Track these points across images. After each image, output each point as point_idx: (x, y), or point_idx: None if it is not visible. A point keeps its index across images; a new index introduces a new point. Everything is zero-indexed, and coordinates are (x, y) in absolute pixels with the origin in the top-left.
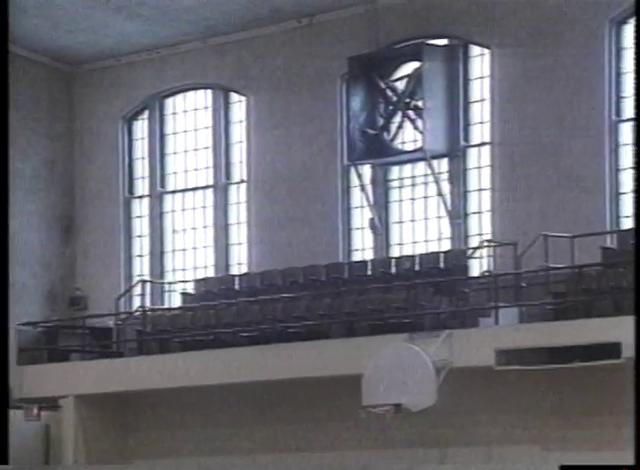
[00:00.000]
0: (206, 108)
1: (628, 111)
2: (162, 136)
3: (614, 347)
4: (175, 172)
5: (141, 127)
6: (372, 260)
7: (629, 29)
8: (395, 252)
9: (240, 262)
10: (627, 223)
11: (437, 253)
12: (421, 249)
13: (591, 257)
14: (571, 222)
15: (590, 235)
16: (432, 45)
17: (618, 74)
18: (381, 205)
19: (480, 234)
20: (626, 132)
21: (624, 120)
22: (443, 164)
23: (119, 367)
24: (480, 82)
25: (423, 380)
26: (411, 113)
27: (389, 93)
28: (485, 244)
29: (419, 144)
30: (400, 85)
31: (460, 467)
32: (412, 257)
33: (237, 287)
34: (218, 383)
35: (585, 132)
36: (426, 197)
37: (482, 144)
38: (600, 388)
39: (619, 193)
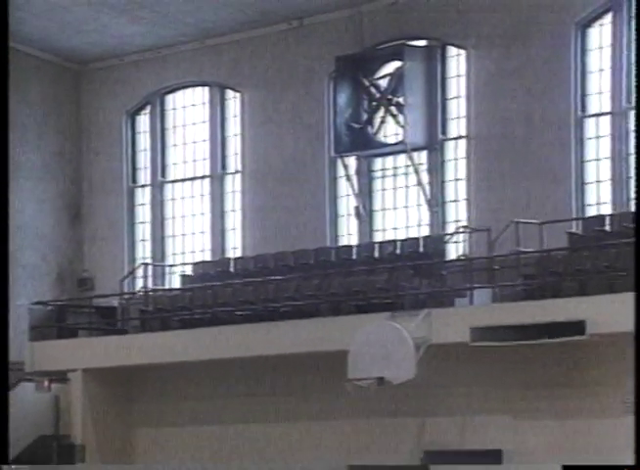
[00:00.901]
0: (204, 103)
1: (593, 107)
2: (163, 130)
3: (579, 325)
4: (175, 163)
5: (143, 122)
6: (357, 245)
7: (593, 32)
8: (378, 237)
9: (235, 247)
10: (592, 211)
11: (417, 238)
12: (402, 234)
13: (558, 241)
14: (539, 210)
15: (557, 222)
16: (412, 46)
17: (584, 73)
18: (365, 193)
19: (457, 221)
20: (591, 127)
21: (589, 116)
22: (423, 156)
23: (123, 343)
24: (456, 80)
25: (403, 355)
26: (393, 108)
27: (373, 90)
28: (461, 230)
29: (400, 137)
30: (383, 83)
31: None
32: (394, 241)
33: (232, 269)
34: (215, 358)
35: (553, 127)
36: (406, 186)
37: (459, 137)
38: (566, 362)
39: (584, 183)
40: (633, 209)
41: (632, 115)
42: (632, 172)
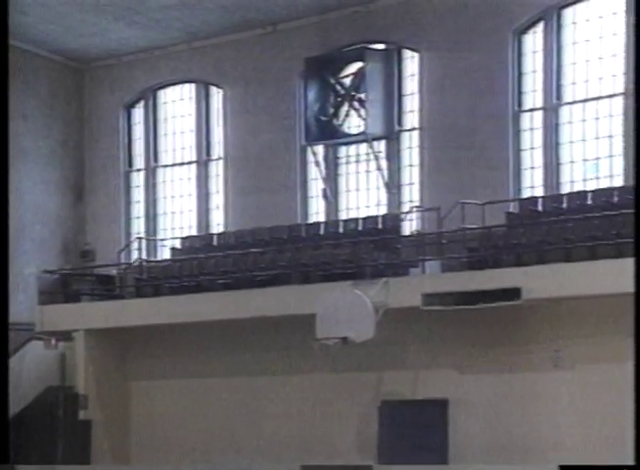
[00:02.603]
0: (191, 98)
1: (527, 103)
2: (155, 121)
3: (515, 291)
4: (166, 150)
5: (138, 114)
6: (324, 222)
7: (528, 38)
8: (343, 215)
9: (218, 223)
10: (526, 193)
11: (376, 216)
12: (363, 213)
13: (498, 219)
14: (482, 192)
15: (497, 202)
16: (372, 49)
17: (520, 74)
18: (331, 177)
19: (411, 201)
20: (526, 120)
21: (524, 111)
22: (382, 145)
23: (120, 307)
24: (410, 79)
25: (364, 318)
26: (356, 103)
27: (338, 87)
28: (415, 209)
29: (362, 128)
30: (347, 81)
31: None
32: (356, 219)
33: (215, 243)
34: (200, 320)
35: (493, 120)
36: (367, 171)
37: (413, 129)
38: (504, 324)
39: (520, 169)
40: (563, 191)
41: (561, 110)
42: (569, 159)
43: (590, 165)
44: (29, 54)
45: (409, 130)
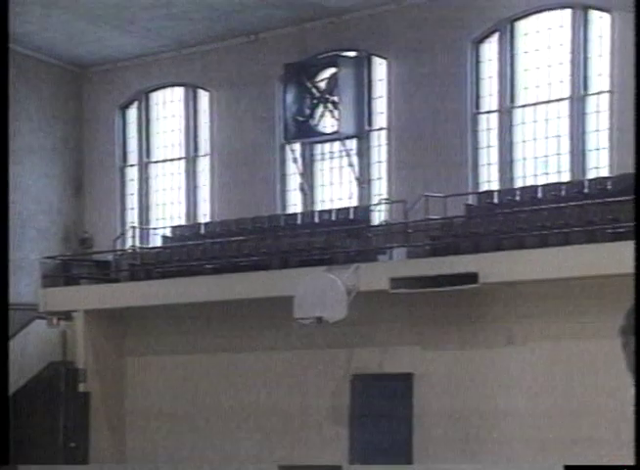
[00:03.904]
0: (180, 100)
1: (484, 105)
2: (148, 121)
3: (473, 276)
4: (158, 147)
5: (132, 114)
6: (301, 213)
7: (484, 47)
8: (318, 207)
9: (205, 214)
10: (484, 187)
11: (348, 208)
12: (336, 205)
13: (458, 211)
14: (443, 186)
15: (457, 195)
16: (345, 56)
17: (477, 79)
18: (307, 173)
19: (380, 194)
20: (483, 121)
21: (481, 113)
22: (353, 143)
23: (116, 290)
24: (379, 83)
25: (337, 300)
26: (330, 105)
27: (314, 91)
28: (383, 201)
29: (335, 128)
30: (322, 85)
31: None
32: (330, 210)
33: (202, 232)
34: (189, 302)
35: (454, 121)
36: (340, 167)
37: (381, 129)
38: (463, 305)
39: (478, 165)
40: (516, 185)
41: (514, 112)
42: (522, 157)
43: (540, 162)
44: (34, 60)
45: (378, 130)
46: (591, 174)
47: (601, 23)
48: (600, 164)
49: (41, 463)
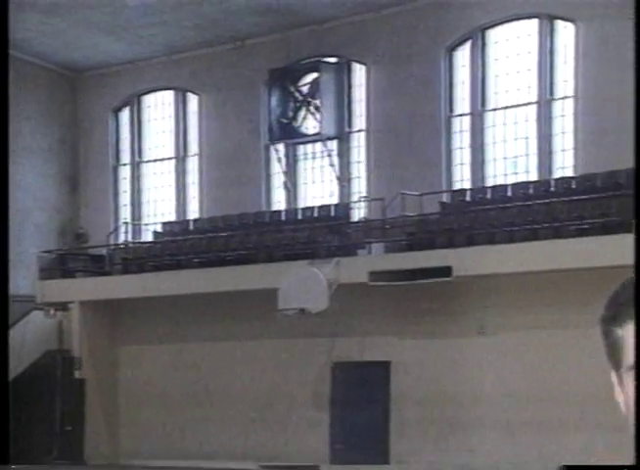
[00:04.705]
0: (170, 103)
1: (457, 109)
2: (140, 122)
3: (447, 269)
4: (149, 148)
5: (124, 116)
6: (285, 210)
7: (458, 54)
8: (301, 204)
9: (194, 210)
10: (457, 185)
11: (330, 205)
12: (318, 202)
13: (433, 208)
14: (419, 184)
15: (432, 193)
16: (326, 62)
17: (451, 84)
18: (291, 172)
19: (359, 192)
20: (456, 124)
21: (455, 116)
22: (334, 144)
23: (110, 282)
24: (359, 88)
25: (319, 292)
26: (312, 108)
27: (297, 94)
28: (362, 199)
29: (317, 130)
30: (305, 89)
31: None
32: (312, 207)
33: (191, 228)
34: (179, 294)
35: (429, 123)
36: (322, 166)
37: (360, 130)
38: (437, 297)
39: (452, 165)
40: (487, 184)
41: (486, 115)
42: (492, 157)
43: (510, 163)
44: (32, 65)
45: (357, 132)
46: (557, 174)
47: (566, 33)
48: (565, 165)
49: (39, 445)
